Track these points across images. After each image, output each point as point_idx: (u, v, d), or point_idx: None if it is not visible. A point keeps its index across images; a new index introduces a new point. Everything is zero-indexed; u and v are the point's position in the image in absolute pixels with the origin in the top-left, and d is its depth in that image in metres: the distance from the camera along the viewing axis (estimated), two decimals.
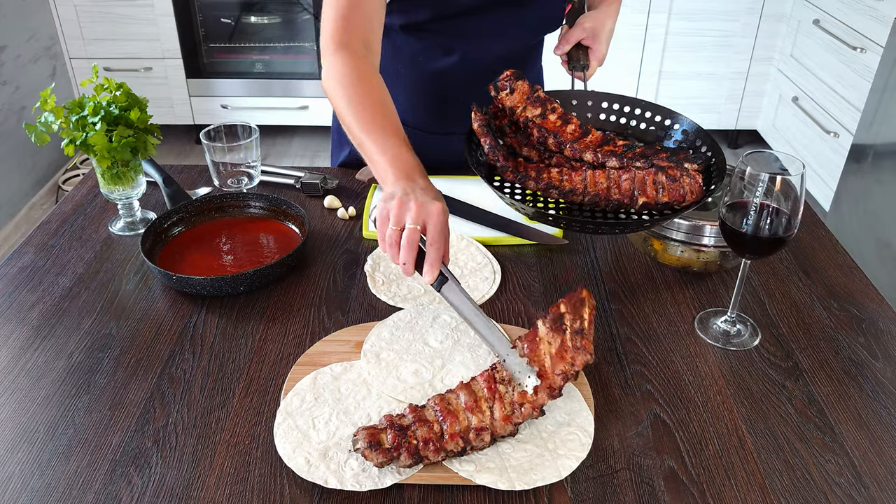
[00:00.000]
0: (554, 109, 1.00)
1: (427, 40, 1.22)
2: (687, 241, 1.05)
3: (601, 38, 1.18)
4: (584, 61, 1.18)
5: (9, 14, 2.84)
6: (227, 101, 3.36)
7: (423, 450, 0.75)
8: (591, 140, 0.97)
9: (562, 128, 0.98)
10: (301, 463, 0.76)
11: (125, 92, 1.12)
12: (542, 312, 0.99)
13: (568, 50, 1.19)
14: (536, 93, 1.00)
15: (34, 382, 0.88)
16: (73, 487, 0.75)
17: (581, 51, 1.18)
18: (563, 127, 0.98)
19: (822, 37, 2.82)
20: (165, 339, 0.96)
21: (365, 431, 0.76)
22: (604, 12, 1.21)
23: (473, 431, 0.77)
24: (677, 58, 3.22)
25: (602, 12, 1.21)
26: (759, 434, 0.82)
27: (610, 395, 0.87)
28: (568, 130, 0.98)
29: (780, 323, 1.00)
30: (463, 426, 0.77)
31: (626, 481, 0.76)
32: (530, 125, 0.98)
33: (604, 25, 1.19)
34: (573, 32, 1.18)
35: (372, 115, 0.94)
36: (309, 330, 0.97)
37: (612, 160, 0.92)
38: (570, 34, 1.18)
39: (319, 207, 1.25)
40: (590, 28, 1.18)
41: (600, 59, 1.20)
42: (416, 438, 0.76)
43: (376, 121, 0.93)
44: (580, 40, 1.18)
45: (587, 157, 0.94)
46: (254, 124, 1.24)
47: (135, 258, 1.12)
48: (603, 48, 1.19)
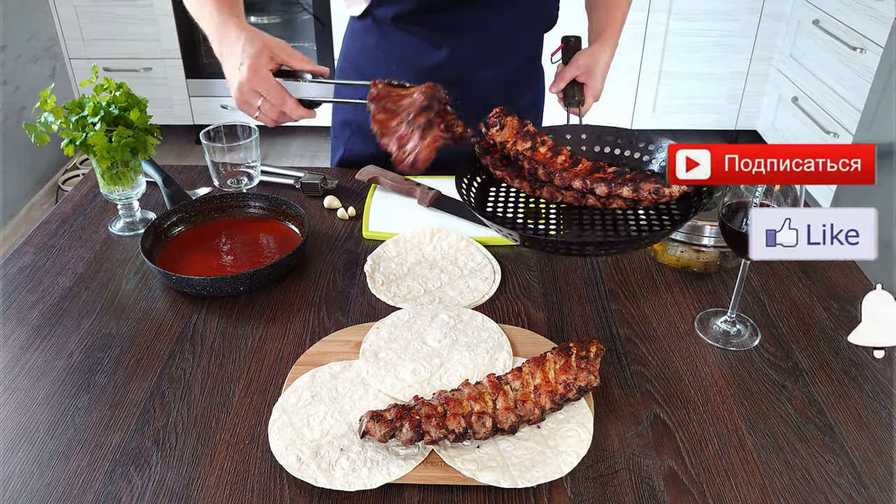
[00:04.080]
0: (544, 142, 1.01)
1: (416, 35, 1.23)
2: (687, 241, 1.05)
3: (595, 75, 1.20)
4: (578, 97, 1.20)
5: (9, 14, 2.84)
6: (227, 101, 3.36)
7: (426, 423, 0.76)
8: (581, 169, 0.98)
9: (552, 159, 1.00)
10: (292, 461, 0.76)
11: (125, 92, 1.12)
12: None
13: (563, 88, 1.21)
14: (526, 127, 1.01)
15: (34, 382, 0.88)
16: (73, 487, 0.75)
17: (576, 87, 1.21)
18: (554, 158, 1.00)
19: (821, 37, 2.82)
20: (165, 339, 0.96)
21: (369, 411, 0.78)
22: (599, 48, 1.23)
23: (475, 415, 0.77)
24: (677, 58, 3.22)
25: (598, 48, 1.23)
26: (759, 434, 0.82)
27: (610, 395, 0.87)
28: (558, 161, 0.99)
29: (780, 323, 1.00)
30: (465, 410, 0.78)
31: (626, 481, 0.76)
32: (520, 158, 0.99)
33: (598, 62, 1.21)
34: (567, 70, 1.21)
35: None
36: (309, 330, 0.97)
37: (600, 186, 0.93)
38: (565, 72, 1.21)
39: (319, 207, 1.25)
40: (584, 65, 1.20)
41: (595, 95, 1.22)
42: (418, 414, 0.77)
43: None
44: (575, 77, 1.20)
45: (576, 184, 0.95)
46: (254, 124, 1.24)
47: (135, 258, 1.12)
48: (598, 84, 1.21)
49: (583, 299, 1.04)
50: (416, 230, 1.15)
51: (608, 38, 1.24)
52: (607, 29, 1.25)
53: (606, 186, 0.93)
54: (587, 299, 1.04)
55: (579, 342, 0.87)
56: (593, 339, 0.88)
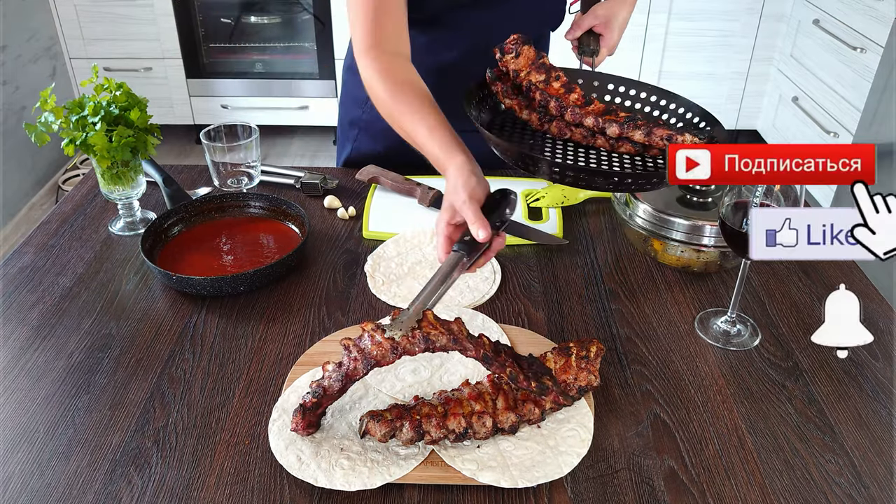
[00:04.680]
0: (558, 77, 0.98)
1: (427, 34, 1.23)
2: (687, 241, 1.05)
3: (613, 27, 1.20)
4: (593, 46, 1.19)
5: (9, 14, 2.84)
6: (227, 101, 3.36)
7: (426, 423, 0.76)
8: (594, 109, 0.96)
9: (565, 95, 0.97)
10: (293, 460, 0.76)
11: (125, 92, 1.12)
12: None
13: (579, 35, 1.20)
14: (542, 59, 0.99)
15: (34, 382, 0.88)
16: (73, 487, 0.75)
17: (592, 37, 1.20)
18: (566, 95, 0.97)
19: (822, 37, 2.82)
20: (165, 339, 0.96)
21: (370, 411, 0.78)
22: (619, 1, 1.22)
23: (476, 414, 0.77)
24: (677, 58, 3.22)
25: (617, 1, 1.22)
26: (759, 434, 0.82)
27: (610, 395, 0.87)
28: (571, 98, 0.97)
29: (780, 323, 1.00)
30: (465, 410, 0.78)
31: (626, 481, 0.76)
32: (532, 88, 0.97)
33: (617, 14, 1.20)
34: (585, 19, 1.20)
35: (410, 104, 0.96)
36: (309, 330, 0.97)
37: (612, 127, 0.91)
38: (583, 20, 1.20)
39: (319, 207, 1.25)
40: (602, 15, 1.19)
41: (611, 48, 1.21)
42: (418, 414, 0.77)
43: (414, 108, 0.95)
44: (592, 27, 1.20)
45: (588, 122, 0.92)
46: (254, 124, 1.24)
47: (135, 258, 1.11)
48: (615, 36, 1.20)
49: (583, 299, 1.04)
50: (416, 230, 1.15)
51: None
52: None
53: (619, 128, 0.91)
54: (587, 299, 1.04)
55: (579, 342, 0.87)
56: (593, 338, 0.88)
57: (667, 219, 1.05)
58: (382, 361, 0.75)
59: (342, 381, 0.76)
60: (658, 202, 1.07)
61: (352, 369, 0.76)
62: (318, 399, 0.77)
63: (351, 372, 0.76)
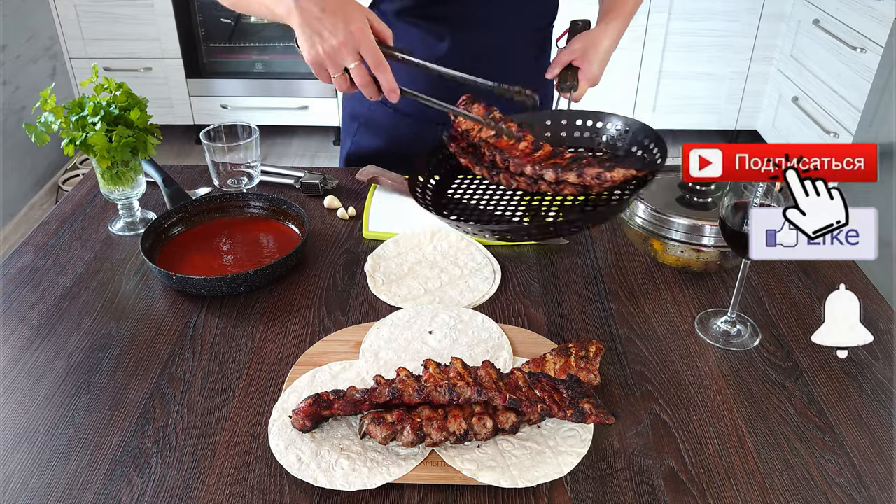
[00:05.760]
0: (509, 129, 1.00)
1: (419, 27, 1.24)
2: (687, 241, 1.05)
3: (591, 59, 1.15)
4: (570, 82, 1.15)
5: (9, 14, 2.84)
6: (227, 101, 3.36)
7: (426, 426, 0.76)
8: (540, 155, 0.97)
9: (514, 145, 0.99)
10: (292, 460, 0.76)
11: (125, 92, 1.12)
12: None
13: (558, 73, 1.16)
14: (492, 114, 1.01)
15: (34, 382, 0.88)
16: (73, 487, 0.75)
17: (570, 71, 1.16)
18: (516, 144, 0.99)
19: (821, 37, 2.82)
20: (165, 339, 0.96)
21: (370, 413, 0.78)
22: (600, 31, 1.17)
23: (476, 416, 0.77)
24: (677, 58, 3.22)
25: (598, 31, 1.17)
26: (759, 434, 0.82)
27: (610, 395, 0.87)
28: (520, 147, 0.99)
29: (780, 323, 1.00)
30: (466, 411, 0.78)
31: (626, 481, 0.76)
32: (482, 145, 0.99)
33: (597, 45, 1.15)
34: (562, 54, 1.16)
35: None
36: (309, 330, 0.97)
37: (548, 172, 0.92)
38: (560, 55, 1.17)
39: (319, 207, 1.25)
40: (579, 48, 1.15)
41: (591, 80, 1.16)
42: (419, 417, 0.77)
43: None
44: (570, 61, 1.16)
45: (527, 170, 0.94)
46: (254, 124, 1.24)
47: (135, 258, 1.12)
48: (594, 68, 1.15)
49: (583, 299, 1.04)
50: (416, 230, 1.15)
51: (612, 20, 1.19)
52: (613, 11, 1.20)
53: (554, 172, 0.92)
54: (587, 299, 1.04)
55: (579, 342, 0.87)
56: (593, 338, 0.88)
57: (667, 219, 1.05)
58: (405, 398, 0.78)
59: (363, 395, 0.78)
60: (658, 202, 1.07)
61: (377, 393, 0.79)
62: (334, 399, 0.78)
63: (375, 395, 0.78)
